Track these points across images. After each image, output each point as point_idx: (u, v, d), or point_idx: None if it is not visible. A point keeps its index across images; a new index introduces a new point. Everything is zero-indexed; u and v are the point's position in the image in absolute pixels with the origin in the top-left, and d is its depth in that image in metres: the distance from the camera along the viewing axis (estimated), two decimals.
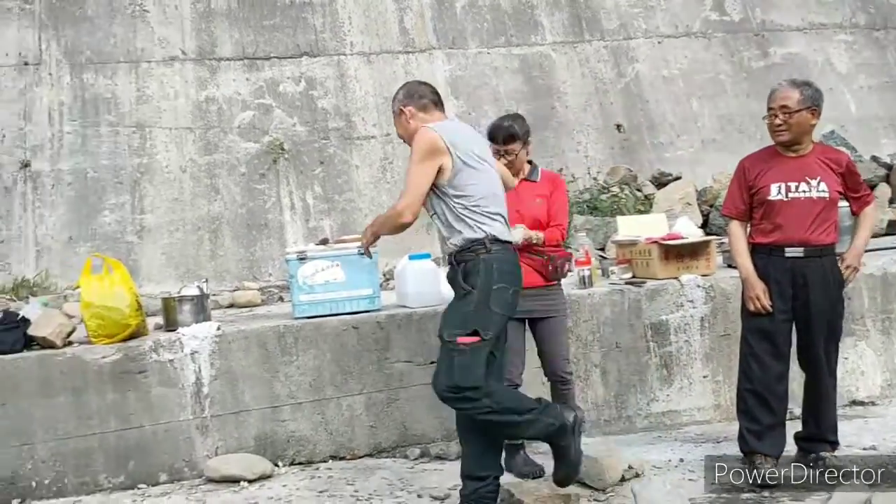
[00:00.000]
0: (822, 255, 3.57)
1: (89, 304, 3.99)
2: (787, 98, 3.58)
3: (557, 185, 4.08)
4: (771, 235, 3.60)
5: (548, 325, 3.95)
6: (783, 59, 8.96)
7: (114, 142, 7.38)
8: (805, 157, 3.62)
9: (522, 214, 3.91)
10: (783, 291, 3.58)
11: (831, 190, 3.55)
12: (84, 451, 3.95)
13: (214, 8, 8.02)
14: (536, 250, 3.89)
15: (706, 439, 4.32)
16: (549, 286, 3.95)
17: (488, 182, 3.36)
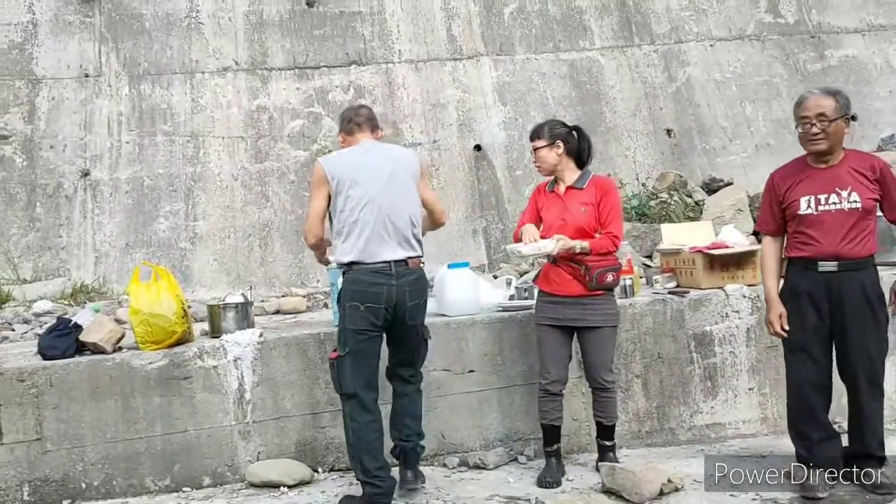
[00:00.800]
0: (857, 269, 3.45)
1: (137, 311, 4.11)
2: (824, 106, 3.47)
3: (606, 190, 3.96)
4: (804, 250, 3.51)
5: (590, 335, 3.91)
6: (840, 61, 8.73)
7: (169, 151, 7.60)
8: (836, 167, 3.50)
9: (566, 223, 3.89)
10: (819, 306, 3.49)
11: (864, 199, 3.43)
12: (131, 454, 4.07)
13: (266, 19, 8.19)
14: (577, 259, 3.86)
15: (750, 453, 4.23)
16: (593, 296, 3.89)
17: (362, 205, 3.67)
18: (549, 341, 3.96)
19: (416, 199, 3.84)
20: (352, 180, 3.70)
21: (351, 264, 3.68)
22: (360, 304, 3.63)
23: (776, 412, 4.52)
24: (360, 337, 3.65)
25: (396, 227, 3.71)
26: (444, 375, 4.36)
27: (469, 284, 4.51)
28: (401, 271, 3.68)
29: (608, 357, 3.95)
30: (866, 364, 3.45)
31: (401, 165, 3.82)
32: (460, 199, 7.76)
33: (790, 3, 8.92)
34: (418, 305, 3.78)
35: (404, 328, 3.77)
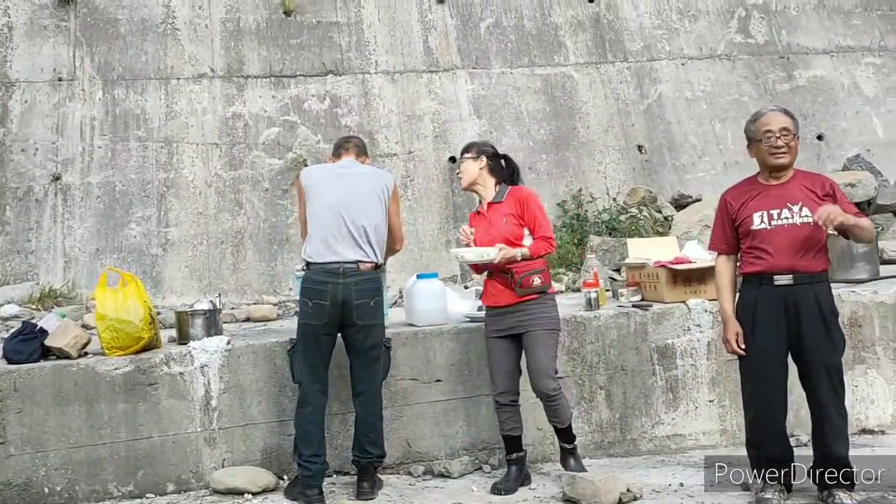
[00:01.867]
0: (812, 283, 3.53)
1: (103, 316, 4.11)
2: (788, 122, 3.60)
3: (525, 199, 4.10)
4: (758, 264, 3.58)
5: (528, 340, 3.97)
6: (808, 81, 8.92)
7: (142, 156, 7.59)
8: (786, 183, 3.60)
9: (493, 236, 4.03)
10: (776, 321, 3.55)
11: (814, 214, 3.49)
12: (95, 459, 4.06)
13: (243, 27, 8.22)
14: (505, 269, 3.96)
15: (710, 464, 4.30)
16: (525, 301, 3.97)
17: (321, 209, 3.97)
18: (496, 353, 4.06)
19: (378, 213, 4.06)
20: (319, 188, 4.05)
21: (308, 264, 4.01)
22: (308, 301, 3.95)
23: (735, 424, 4.61)
24: (308, 331, 3.96)
25: (352, 232, 3.96)
26: (410, 384, 4.40)
27: (437, 295, 4.57)
28: (349, 271, 3.93)
29: (548, 363, 3.94)
30: (825, 374, 3.52)
31: (370, 182, 4.11)
32: (434, 210, 7.82)
33: (760, 23, 9.10)
34: (366, 305, 3.95)
35: (355, 329, 3.96)
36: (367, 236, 3.99)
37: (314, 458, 3.88)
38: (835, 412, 3.53)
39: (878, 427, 4.70)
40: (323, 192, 4.02)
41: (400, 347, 4.35)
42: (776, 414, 3.67)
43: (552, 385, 3.93)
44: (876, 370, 4.74)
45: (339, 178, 4.08)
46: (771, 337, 3.57)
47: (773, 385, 3.64)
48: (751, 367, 3.67)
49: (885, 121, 8.84)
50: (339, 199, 3.99)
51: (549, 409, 4.01)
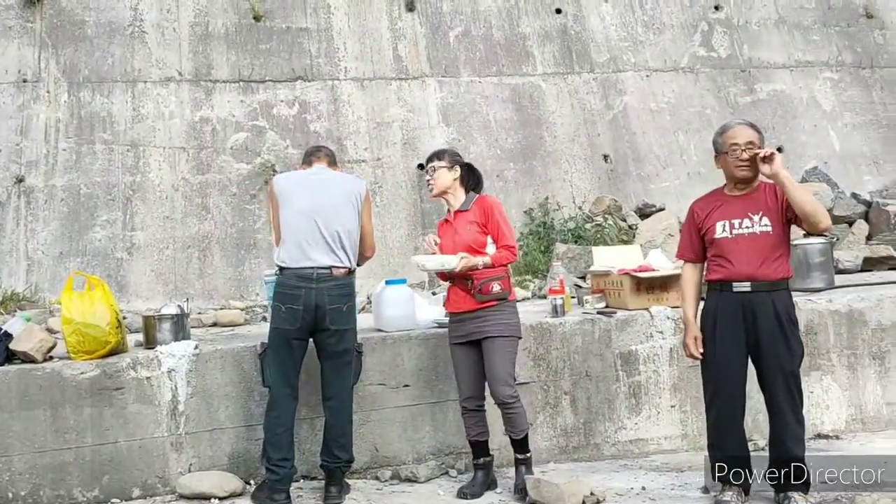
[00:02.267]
0: (771, 291, 3.63)
1: (70, 320, 4.09)
2: (754, 136, 3.70)
3: (489, 208, 4.11)
4: (720, 272, 3.69)
5: (487, 346, 3.99)
6: (768, 95, 9.14)
7: (108, 159, 7.53)
8: (750, 194, 3.71)
9: (457, 244, 4.07)
10: (735, 327, 3.66)
11: (774, 223, 3.62)
12: (60, 464, 4.03)
13: (212, 31, 8.20)
14: (466, 276, 4.00)
15: (671, 468, 4.40)
16: (488, 307, 4.00)
17: (294, 215, 4.00)
18: (459, 359, 4.10)
19: (352, 219, 4.09)
20: (291, 193, 4.08)
21: (281, 269, 4.02)
22: (281, 305, 3.96)
23: (696, 429, 4.71)
24: (280, 335, 3.97)
25: (325, 238, 3.99)
26: (379, 389, 4.44)
27: (406, 301, 4.61)
28: (322, 276, 3.95)
29: (505, 370, 3.95)
30: (782, 380, 3.62)
31: (342, 188, 4.15)
32: (402, 216, 7.87)
33: (723, 38, 9.31)
34: (339, 310, 3.99)
35: (328, 333, 3.98)
36: (340, 241, 4.02)
37: (283, 462, 3.89)
38: (792, 417, 3.64)
39: (832, 432, 4.83)
40: (296, 197, 4.04)
41: (369, 353, 4.39)
42: (735, 417, 3.77)
43: (509, 392, 3.93)
44: (831, 377, 4.88)
45: (312, 183, 4.11)
46: (730, 342, 3.68)
47: (733, 389, 3.74)
48: (711, 371, 3.78)
49: (841, 134, 9.09)
50: (313, 204, 4.01)
51: (505, 416, 4.00)
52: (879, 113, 9.25)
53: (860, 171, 8.84)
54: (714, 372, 3.78)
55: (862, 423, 4.90)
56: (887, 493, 3.58)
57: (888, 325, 4.95)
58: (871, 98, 9.32)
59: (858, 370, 4.91)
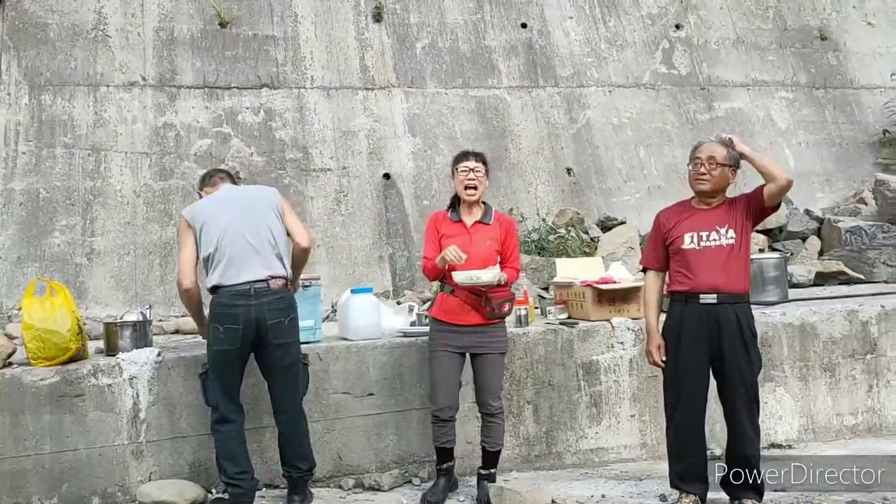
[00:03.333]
0: (734, 303, 3.74)
1: (30, 326, 4.04)
2: (716, 152, 3.81)
3: (512, 229, 4.20)
4: (686, 284, 3.79)
5: (482, 361, 4.08)
6: (726, 112, 9.36)
7: (68, 164, 7.44)
8: (717, 208, 3.83)
9: (472, 255, 4.01)
10: (700, 338, 3.76)
11: (738, 236, 3.74)
12: (18, 472, 3.98)
13: (177, 36, 8.16)
14: (478, 290, 4.00)
15: (629, 476, 4.49)
16: (490, 324, 4.07)
17: (219, 233, 3.90)
18: (444, 369, 4.08)
19: (276, 225, 4.04)
20: (208, 215, 3.98)
21: (215, 288, 3.92)
22: (219, 326, 3.86)
23: (654, 438, 4.81)
24: (220, 356, 3.91)
25: (256, 249, 3.92)
26: (343, 398, 4.45)
27: (371, 309, 4.63)
28: (260, 291, 3.88)
29: (497, 383, 4.13)
30: (743, 390, 3.72)
31: (257, 197, 4.13)
32: (368, 225, 7.89)
33: (683, 55, 9.52)
34: (281, 324, 3.93)
35: (271, 348, 3.94)
36: (272, 251, 3.95)
37: (242, 475, 3.87)
38: (749, 426, 3.75)
39: (785, 441, 4.96)
40: (216, 216, 3.94)
41: (333, 361, 4.41)
42: (697, 426, 3.87)
43: (498, 404, 4.10)
44: (784, 388, 5.01)
45: (228, 201, 4.03)
46: (694, 353, 3.77)
47: (694, 397, 3.83)
48: (674, 381, 3.87)
49: (796, 152, 9.34)
50: (236, 219, 3.93)
51: (488, 427, 4.09)
52: (832, 132, 9.53)
53: (813, 188, 9.08)
54: (677, 382, 3.86)
55: (813, 433, 5.05)
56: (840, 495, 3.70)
57: (839, 337, 5.11)
58: (824, 118, 9.60)
59: (810, 381, 5.06)
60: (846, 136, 9.54)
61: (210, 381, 3.94)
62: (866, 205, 8.10)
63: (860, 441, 4.98)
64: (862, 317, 5.15)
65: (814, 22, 10.08)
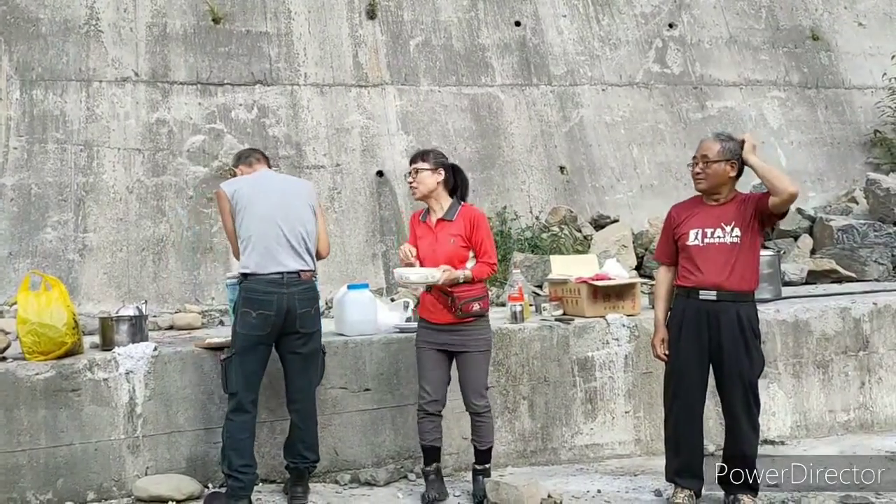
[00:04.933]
0: (736, 301, 3.73)
1: (26, 320, 4.02)
2: (708, 149, 3.80)
3: (476, 222, 4.05)
4: (689, 279, 3.80)
5: (462, 359, 4.04)
6: (719, 111, 9.40)
7: (60, 159, 7.40)
8: (725, 205, 3.80)
9: (436, 254, 4.00)
10: (699, 334, 3.76)
11: (744, 235, 3.72)
12: (13, 467, 3.96)
13: (170, 32, 8.13)
14: (445, 290, 3.96)
15: (624, 472, 4.50)
16: (464, 323, 4.00)
17: (258, 220, 3.97)
18: (427, 363, 4.07)
19: (310, 220, 4.11)
20: (249, 199, 4.03)
21: (247, 275, 3.97)
22: (252, 311, 3.91)
23: (649, 434, 4.83)
24: (247, 341, 3.92)
25: (290, 242, 3.99)
26: (340, 393, 4.45)
27: (368, 305, 4.64)
28: (292, 280, 3.95)
29: (479, 382, 4.02)
30: (741, 388, 3.73)
31: (297, 190, 4.18)
32: (361, 223, 7.88)
33: (676, 55, 9.55)
34: (308, 313, 4.02)
35: (297, 336, 3.98)
36: (305, 244, 4.04)
37: (246, 468, 3.86)
38: (748, 425, 3.75)
39: (778, 438, 4.99)
40: (256, 202, 4.01)
41: (330, 356, 4.39)
42: (694, 421, 3.88)
43: (483, 402, 4.04)
44: (777, 384, 5.04)
45: (269, 188, 4.08)
46: (692, 348, 3.78)
47: (692, 394, 3.84)
48: (672, 375, 3.89)
49: (787, 151, 9.40)
50: (276, 209, 4.00)
51: (476, 426, 4.06)
52: (824, 132, 9.59)
53: (805, 187, 9.11)
54: (675, 376, 3.88)
55: (806, 430, 5.08)
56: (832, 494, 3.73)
57: (832, 334, 5.14)
58: (816, 117, 9.66)
59: (803, 378, 5.09)
60: (837, 135, 9.60)
61: (232, 367, 3.93)
62: (857, 204, 8.15)
63: (852, 437, 5.01)
64: (854, 314, 5.19)
65: (806, 22, 10.14)
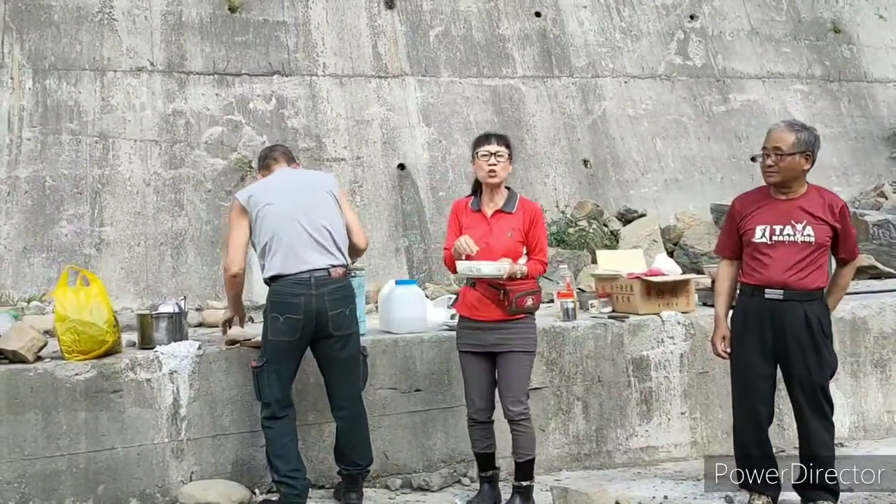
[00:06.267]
0: (803, 301, 3.55)
1: (64, 317, 3.80)
2: (781, 140, 3.59)
3: (536, 217, 3.85)
4: (755, 277, 3.62)
5: (503, 360, 3.76)
6: (742, 105, 9.25)
7: (75, 151, 7.16)
8: (795, 200, 3.61)
9: (491, 247, 3.74)
10: (762, 334, 3.60)
11: (818, 235, 3.54)
12: (52, 472, 3.75)
13: (185, 21, 7.89)
14: (495, 283, 3.71)
15: (686, 476, 4.33)
16: (514, 320, 3.75)
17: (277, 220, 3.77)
18: (472, 369, 3.84)
19: (335, 211, 3.90)
20: (265, 201, 3.83)
21: (274, 278, 3.77)
22: (279, 316, 3.71)
23: (705, 437, 4.67)
24: (278, 347, 3.74)
25: (314, 237, 3.77)
26: (389, 394, 4.27)
27: (417, 302, 4.45)
28: (321, 280, 3.73)
29: (519, 385, 3.75)
30: (810, 391, 3.58)
31: (316, 182, 3.99)
32: (383, 217, 7.68)
33: (698, 47, 9.39)
34: (342, 314, 3.78)
35: (331, 340, 3.77)
36: (331, 238, 3.81)
37: (294, 472, 3.69)
38: (819, 426, 3.61)
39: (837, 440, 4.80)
40: (272, 203, 3.80)
41: (379, 355, 4.22)
42: (758, 422, 3.73)
43: (521, 408, 3.73)
44: (835, 384, 4.83)
45: (284, 186, 3.88)
46: (755, 347, 3.63)
47: (756, 394, 3.69)
48: (736, 375, 3.76)
49: None
50: (293, 205, 3.79)
51: (514, 435, 3.77)
52: (847, 126, 9.45)
53: (831, 181, 8.96)
54: (738, 376, 3.74)
55: (864, 431, 4.94)
56: None
57: (889, 332, 5.00)
58: (839, 111, 9.53)
59: (861, 378, 4.95)
60: (861, 129, 9.47)
61: (265, 375, 3.74)
62: (886, 198, 8.03)
63: None
64: None
65: (827, 14, 10.00)
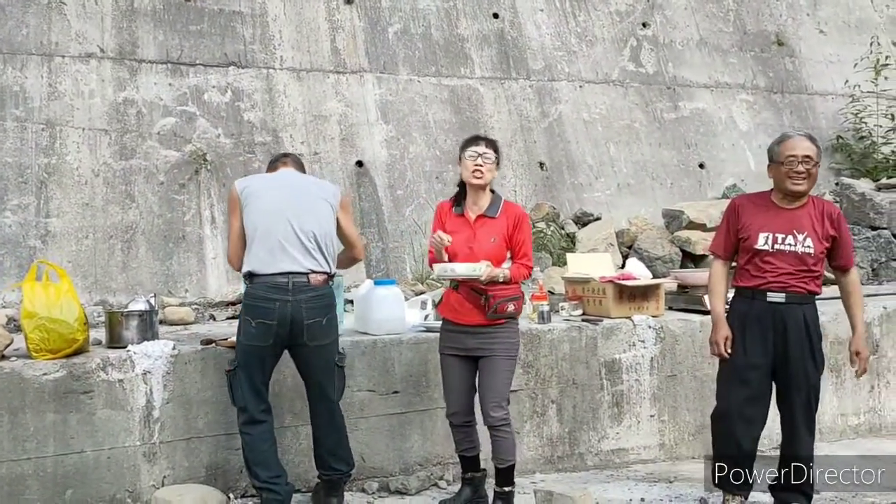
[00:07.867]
0: (801, 303, 3.68)
1: (33, 314, 3.63)
2: (811, 150, 3.65)
3: (520, 222, 3.83)
4: (756, 280, 3.70)
5: (485, 365, 3.76)
6: (691, 112, 9.47)
7: (20, 138, 6.83)
8: (798, 209, 3.70)
9: (473, 252, 3.73)
10: (764, 336, 3.68)
11: (816, 248, 3.65)
12: (17, 476, 3.58)
13: (138, 7, 7.62)
14: (478, 288, 3.71)
15: (657, 479, 4.43)
16: (496, 324, 3.75)
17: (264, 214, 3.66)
18: (451, 372, 3.84)
19: (327, 219, 3.78)
20: (259, 194, 3.74)
21: (251, 276, 3.65)
22: (251, 320, 3.61)
23: (672, 439, 4.77)
24: (250, 351, 3.65)
25: (300, 238, 3.64)
26: (367, 396, 4.22)
27: (396, 302, 4.40)
28: (299, 286, 3.60)
29: (500, 391, 3.73)
30: (805, 391, 3.68)
31: (315, 189, 3.86)
32: None
33: (650, 54, 9.57)
34: (318, 324, 3.66)
35: (306, 349, 3.66)
36: (317, 244, 3.68)
37: (275, 479, 3.61)
38: (805, 429, 3.72)
39: None
40: (263, 197, 3.70)
41: (358, 357, 4.16)
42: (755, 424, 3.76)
43: (501, 414, 3.73)
44: None
45: (282, 183, 3.80)
46: (758, 348, 3.69)
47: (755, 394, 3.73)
48: (733, 375, 3.75)
49: (756, 154, 9.52)
50: (284, 202, 3.68)
51: (494, 441, 3.77)
52: None
53: None
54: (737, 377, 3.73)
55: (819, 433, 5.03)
56: None
57: (844, 338, 5.12)
58: (781, 122, 9.83)
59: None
60: None
61: (238, 380, 3.63)
62: None
63: (863, 441, 5.07)
64: (866, 318, 5.23)
65: (771, 27, 10.31)
